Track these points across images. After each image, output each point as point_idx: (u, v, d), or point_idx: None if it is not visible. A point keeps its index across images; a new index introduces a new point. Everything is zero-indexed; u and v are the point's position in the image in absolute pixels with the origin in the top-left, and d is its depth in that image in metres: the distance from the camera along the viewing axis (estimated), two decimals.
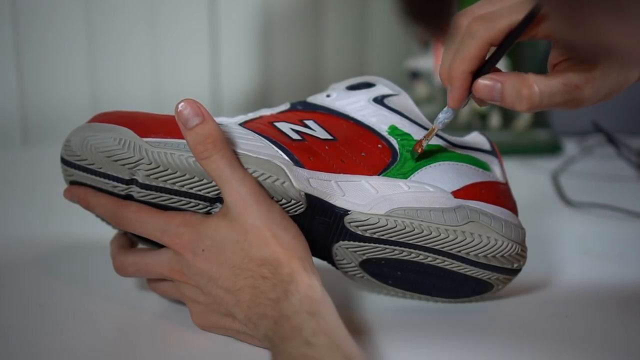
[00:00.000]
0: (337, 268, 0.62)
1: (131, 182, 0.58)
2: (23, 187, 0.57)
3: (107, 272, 0.61)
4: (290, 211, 0.57)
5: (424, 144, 0.59)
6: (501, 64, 1.05)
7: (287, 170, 0.57)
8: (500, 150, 0.58)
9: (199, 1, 1.15)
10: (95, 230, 0.66)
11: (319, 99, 0.63)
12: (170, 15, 1.13)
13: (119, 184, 0.58)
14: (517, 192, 0.65)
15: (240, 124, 0.60)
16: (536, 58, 1.11)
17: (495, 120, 1.09)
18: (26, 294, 0.64)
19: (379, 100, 0.62)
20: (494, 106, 1.10)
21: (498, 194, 0.61)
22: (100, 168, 0.58)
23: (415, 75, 1.12)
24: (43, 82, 1.04)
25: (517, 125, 1.08)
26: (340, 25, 1.31)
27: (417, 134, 0.61)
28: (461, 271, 0.60)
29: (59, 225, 0.76)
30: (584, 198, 0.87)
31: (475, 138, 0.64)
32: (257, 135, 0.58)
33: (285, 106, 0.63)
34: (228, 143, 0.56)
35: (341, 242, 0.60)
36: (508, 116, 1.10)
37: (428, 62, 1.08)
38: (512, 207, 0.62)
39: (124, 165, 0.57)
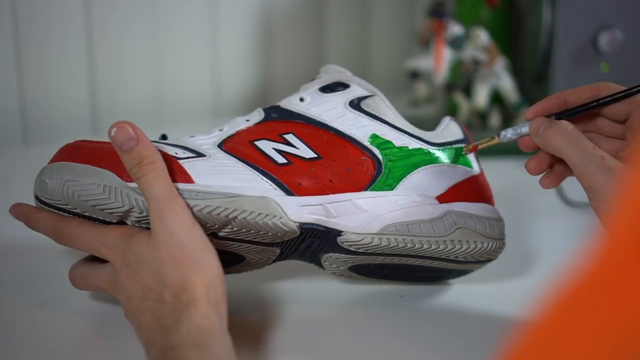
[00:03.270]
0: (323, 269, 0.63)
1: (119, 223, 0.55)
2: (23, 187, 0.57)
3: None
4: (284, 239, 0.57)
5: (479, 147, 0.61)
6: (500, 64, 1.06)
7: (281, 206, 0.55)
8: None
9: (199, 1, 1.15)
10: None
11: (292, 103, 0.60)
12: (171, 15, 1.13)
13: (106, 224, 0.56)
14: (518, 192, 0.65)
15: (219, 145, 0.58)
16: (536, 58, 1.11)
17: (495, 119, 1.09)
18: (27, 294, 0.64)
19: (356, 105, 0.60)
20: (494, 105, 1.10)
21: (477, 188, 0.62)
22: (85, 212, 0.55)
23: (415, 75, 1.12)
24: (43, 82, 1.04)
25: (517, 124, 1.07)
26: (341, 26, 1.31)
27: (397, 139, 0.60)
28: (447, 267, 0.62)
29: None
30: (584, 198, 0.87)
31: (448, 127, 0.63)
32: (242, 163, 0.57)
33: (258, 113, 0.60)
34: (164, 163, 0.54)
35: (332, 254, 0.60)
36: (508, 115, 1.10)
37: (428, 62, 1.08)
38: (489, 197, 0.63)
39: (112, 213, 0.54)
